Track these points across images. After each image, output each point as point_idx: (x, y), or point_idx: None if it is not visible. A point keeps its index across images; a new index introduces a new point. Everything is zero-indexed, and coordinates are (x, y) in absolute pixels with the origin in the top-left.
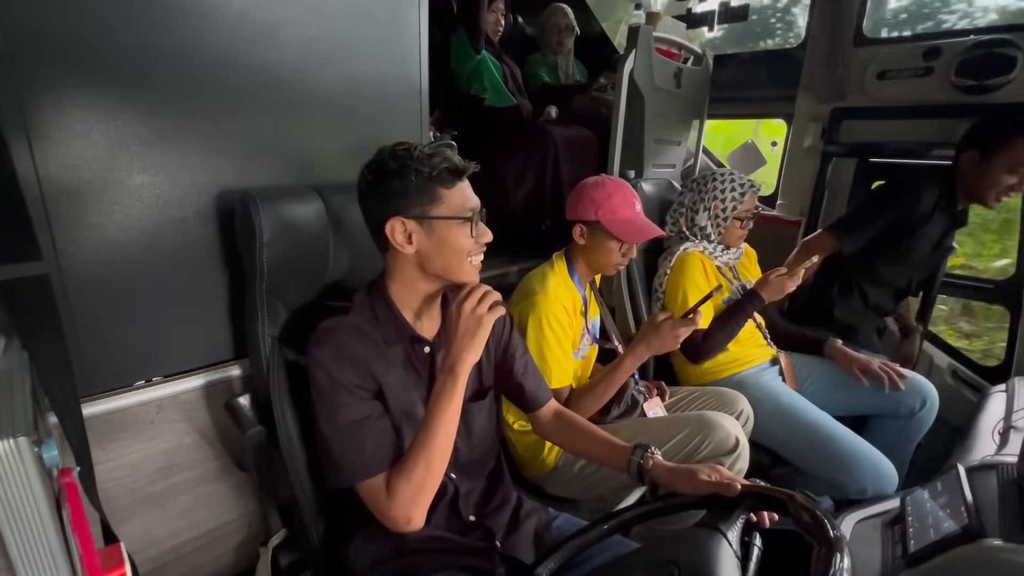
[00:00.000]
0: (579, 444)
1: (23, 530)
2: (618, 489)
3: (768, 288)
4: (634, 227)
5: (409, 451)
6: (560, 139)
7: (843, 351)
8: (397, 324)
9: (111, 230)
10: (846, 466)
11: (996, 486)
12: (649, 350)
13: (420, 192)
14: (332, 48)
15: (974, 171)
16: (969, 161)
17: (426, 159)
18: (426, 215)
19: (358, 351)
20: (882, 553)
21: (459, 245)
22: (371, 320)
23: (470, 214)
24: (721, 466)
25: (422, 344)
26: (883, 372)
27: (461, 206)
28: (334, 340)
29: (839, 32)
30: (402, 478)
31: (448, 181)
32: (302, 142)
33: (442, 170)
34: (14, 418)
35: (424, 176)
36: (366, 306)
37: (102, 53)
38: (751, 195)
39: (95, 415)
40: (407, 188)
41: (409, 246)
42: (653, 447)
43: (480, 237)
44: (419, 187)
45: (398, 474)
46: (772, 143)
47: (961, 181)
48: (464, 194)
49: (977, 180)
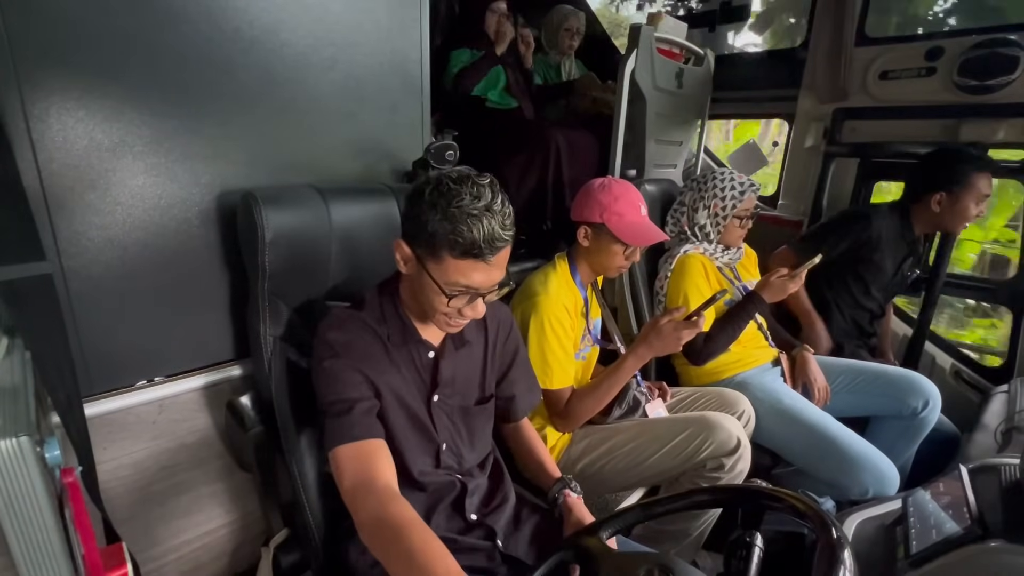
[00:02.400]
0: (522, 457)
1: (25, 529)
2: (620, 489)
3: (769, 289)
4: (639, 231)
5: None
6: (562, 140)
7: (802, 361)
8: (404, 327)
9: (114, 230)
10: (848, 467)
11: (999, 487)
12: (651, 351)
13: (428, 241)
14: (334, 49)
15: (944, 209)
16: (938, 201)
17: (456, 215)
18: (421, 261)
19: (365, 345)
20: (884, 554)
21: (431, 303)
22: (379, 319)
23: (458, 292)
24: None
25: (427, 349)
26: (818, 397)
27: (453, 281)
28: (345, 327)
29: (841, 32)
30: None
31: (460, 253)
32: (304, 142)
33: (459, 240)
34: (17, 418)
35: (440, 231)
36: (376, 305)
37: (105, 54)
38: (751, 194)
39: (97, 415)
40: (421, 223)
41: (404, 267)
42: (574, 483)
43: (465, 309)
44: (430, 236)
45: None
46: (773, 143)
47: (925, 216)
48: (468, 272)
49: (948, 216)
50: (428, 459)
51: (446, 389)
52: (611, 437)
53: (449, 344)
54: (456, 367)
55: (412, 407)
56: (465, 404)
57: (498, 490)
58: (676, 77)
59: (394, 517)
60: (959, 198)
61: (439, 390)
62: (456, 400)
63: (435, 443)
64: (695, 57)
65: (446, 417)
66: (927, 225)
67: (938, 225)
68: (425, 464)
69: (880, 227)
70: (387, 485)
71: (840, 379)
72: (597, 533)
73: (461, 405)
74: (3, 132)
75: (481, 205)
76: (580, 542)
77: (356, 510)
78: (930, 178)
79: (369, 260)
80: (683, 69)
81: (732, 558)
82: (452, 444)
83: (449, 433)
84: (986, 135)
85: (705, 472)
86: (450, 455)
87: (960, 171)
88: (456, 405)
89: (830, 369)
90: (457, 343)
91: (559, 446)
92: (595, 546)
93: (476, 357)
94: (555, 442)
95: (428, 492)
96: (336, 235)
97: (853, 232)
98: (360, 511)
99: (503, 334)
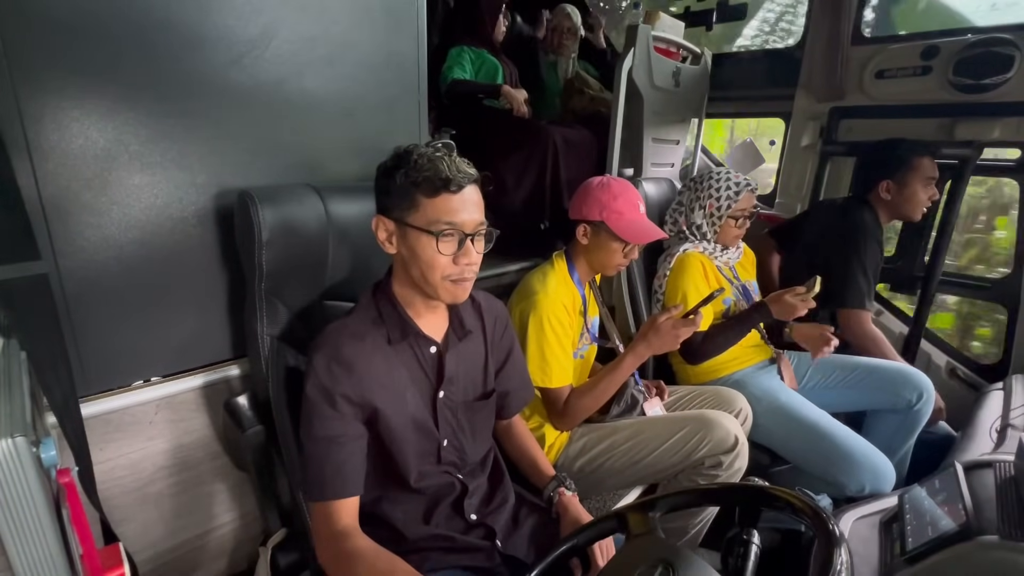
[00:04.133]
0: (514, 455)
1: (22, 530)
2: (618, 487)
3: (779, 306)
4: (638, 229)
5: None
6: (559, 139)
7: (802, 332)
8: (403, 323)
9: (110, 230)
10: (844, 464)
11: (993, 484)
12: (649, 349)
13: (402, 195)
14: (331, 47)
15: (896, 196)
16: (886, 189)
17: (416, 164)
18: (402, 220)
19: (355, 355)
20: (880, 551)
21: (427, 259)
22: (375, 320)
23: (443, 228)
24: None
25: (428, 343)
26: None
27: (434, 219)
28: (329, 344)
29: (837, 31)
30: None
31: (431, 189)
32: (301, 141)
33: (425, 177)
34: (12, 418)
35: (409, 179)
36: (370, 306)
37: (100, 53)
38: (747, 195)
39: (94, 415)
40: (392, 188)
41: (390, 246)
42: (568, 481)
43: (459, 257)
44: (402, 189)
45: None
46: (770, 142)
47: (881, 207)
48: (445, 206)
49: (901, 202)
50: (429, 458)
51: (451, 386)
52: (609, 435)
53: (452, 336)
54: (459, 361)
55: (414, 408)
56: (468, 399)
57: (498, 490)
58: (673, 76)
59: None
60: (906, 183)
61: (444, 386)
62: (460, 396)
63: (436, 440)
64: (692, 56)
65: (449, 413)
66: (886, 215)
67: (895, 213)
68: (425, 463)
69: (870, 218)
70: (345, 528)
71: (835, 375)
72: (649, 512)
73: (464, 400)
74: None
75: (437, 154)
76: (627, 515)
77: (320, 551)
78: (875, 168)
79: (366, 259)
80: (680, 68)
81: (729, 556)
82: (454, 440)
83: (451, 429)
84: (981, 134)
85: (703, 470)
86: (452, 451)
87: (901, 156)
88: (460, 401)
89: (824, 365)
90: (459, 333)
91: (557, 445)
92: (639, 524)
93: (478, 350)
94: (553, 440)
95: (428, 494)
96: (333, 234)
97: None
98: (322, 552)
99: (500, 328)
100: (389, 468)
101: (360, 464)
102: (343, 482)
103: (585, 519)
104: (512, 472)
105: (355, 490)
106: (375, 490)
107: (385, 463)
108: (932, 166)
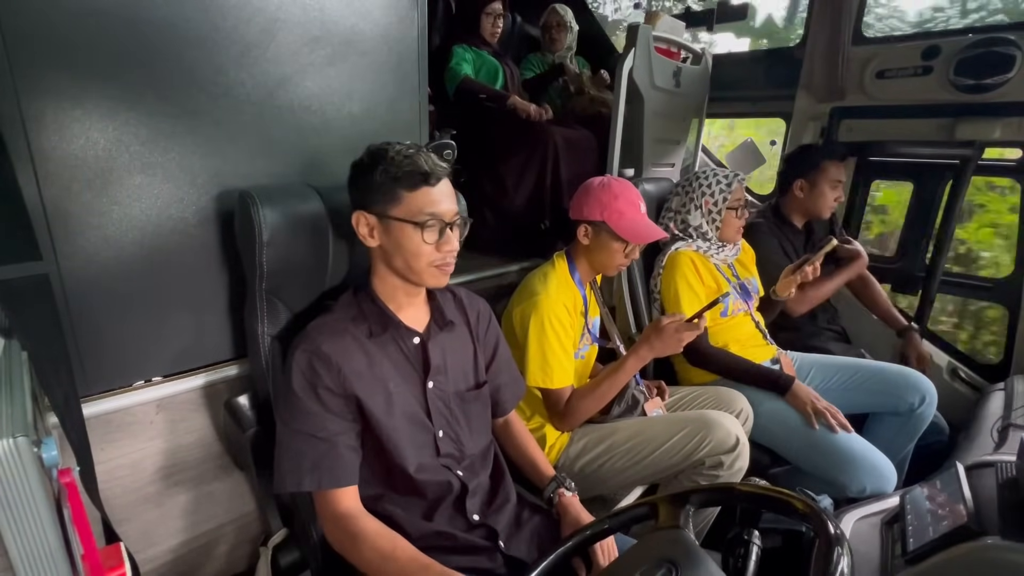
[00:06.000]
0: (513, 454)
1: (23, 530)
2: (618, 488)
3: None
4: (639, 229)
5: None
6: (560, 139)
7: (798, 394)
8: (383, 316)
9: (110, 230)
10: (845, 465)
11: (995, 484)
12: (652, 352)
13: (383, 190)
14: (331, 47)
15: (807, 195)
16: (800, 187)
17: (395, 159)
18: (385, 213)
19: (334, 349)
20: (881, 551)
21: (412, 248)
22: (356, 316)
23: (426, 219)
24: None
25: (411, 335)
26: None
27: (418, 210)
28: (309, 340)
29: (838, 31)
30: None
31: (411, 184)
32: (301, 141)
33: (406, 172)
34: (13, 418)
35: (389, 175)
36: (351, 304)
37: (101, 54)
38: (738, 184)
39: (95, 415)
40: (371, 184)
41: (372, 240)
42: (568, 481)
43: (441, 245)
44: (382, 185)
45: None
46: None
47: (794, 205)
48: (426, 199)
49: (811, 201)
50: (426, 450)
51: (440, 376)
52: (610, 436)
53: (433, 327)
54: (445, 350)
55: (403, 397)
56: (460, 389)
57: (499, 490)
58: (674, 76)
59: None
60: (815, 183)
61: (432, 376)
62: (451, 386)
63: (431, 431)
64: (693, 56)
65: (442, 403)
66: (800, 214)
67: (808, 211)
68: (423, 456)
69: (771, 228)
70: (347, 510)
71: (837, 377)
72: (684, 506)
73: (456, 390)
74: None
75: (411, 151)
76: (659, 505)
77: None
78: (792, 170)
79: (366, 260)
80: (681, 68)
81: (730, 556)
82: (450, 431)
83: (445, 419)
84: (982, 133)
85: (704, 470)
86: (448, 442)
87: (813, 160)
88: (451, 391)
89: (827, 367)
90: (441, 323)
91: (558, 445)
92: (668, 517)
93: (465, 343)
94: (554, 441)
95: (429, 493)
96: (334, 234)
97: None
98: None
99: (483, 322)
100: (388, 463)
101: (348, 455)
102: (328, 472)
103: (586, 519)
104: (513, 472)
105: (346, 480)
106: (378, 488)
107: (384, 458)
108: (839, 170)
